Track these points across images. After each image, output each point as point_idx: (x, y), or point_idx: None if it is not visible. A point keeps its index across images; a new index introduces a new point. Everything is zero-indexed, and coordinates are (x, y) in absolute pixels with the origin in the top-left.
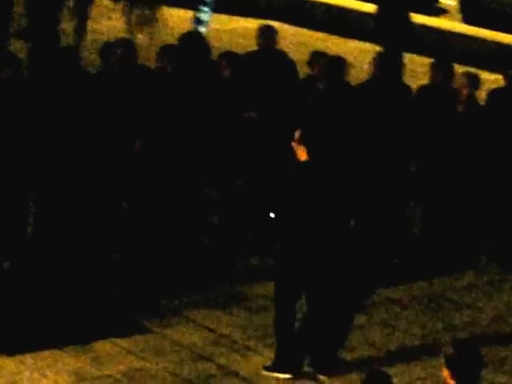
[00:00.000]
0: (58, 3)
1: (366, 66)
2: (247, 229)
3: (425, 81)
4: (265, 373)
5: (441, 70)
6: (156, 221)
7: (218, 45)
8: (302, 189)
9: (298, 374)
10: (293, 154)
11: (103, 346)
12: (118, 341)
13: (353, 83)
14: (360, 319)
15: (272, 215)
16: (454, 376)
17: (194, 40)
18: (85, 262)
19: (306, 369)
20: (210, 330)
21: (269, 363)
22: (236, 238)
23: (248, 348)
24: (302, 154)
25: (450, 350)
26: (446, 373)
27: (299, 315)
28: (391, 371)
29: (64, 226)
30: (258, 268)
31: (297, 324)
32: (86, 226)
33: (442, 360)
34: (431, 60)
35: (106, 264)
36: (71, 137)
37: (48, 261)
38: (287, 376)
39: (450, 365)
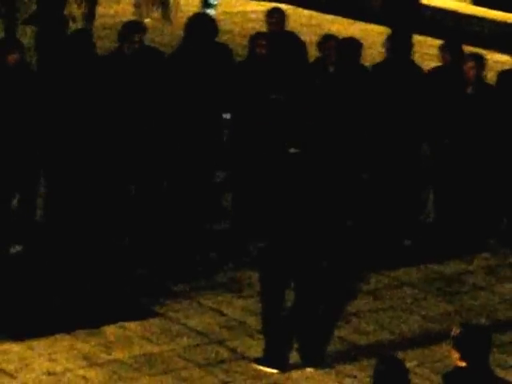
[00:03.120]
0: None
1: (378, 48)
2: (259, 212)
3: (435, 63)
4: (255, 366)
5: (450, 52)
6: (167, 204)
7: (227, 28)
8: (299, 173)
9: (284, 368)
10: (298, 135)
11: (113, 331)
12: (129, 325)
13: (366, 65)
14: (372, 303)
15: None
16: (464, 357)
17: (202, 22)
18: (94, 247)
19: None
20: (222, 314)
21: (259, 356)
22: (247, 222)
23: (260, 332)
24: None
25: (458, 331)
26: (455, 354)
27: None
28: (403, 355)
29: (74, 210)
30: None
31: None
32: (96, 210)
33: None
34: (441, 42)
35: (115, 248)
36: (82, 120)
37: (58, 245)
38: (274, 371)
39: (458, 346)
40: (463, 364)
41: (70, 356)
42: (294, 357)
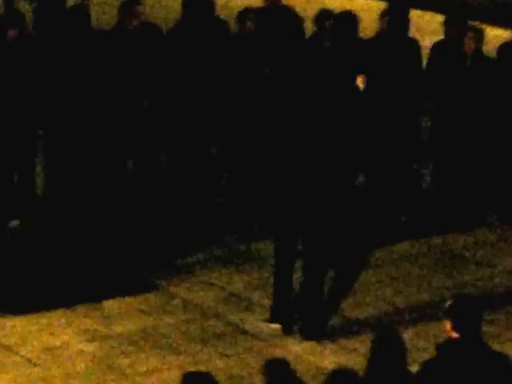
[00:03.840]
0: None
1: (373, 23)
2: (258, 187)
3: (433, 37)
4: (261, 324)
5: (455, 26)
6: (166, 180)
7: (224, 3)
8: (302, 144)
9: (287, 326)
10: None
11: (113, 305)
12: (128, 299)
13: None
14: (371, 276)
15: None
16: (455, 327)
17: None
18: (93, 222)
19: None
20: (221, 288)
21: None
22: (247, 196)
23: (257, 305)
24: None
25: (451, 301)
26: (447, 325)
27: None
28: (401, 327)
29: (73, 185)
30: (267, 226)
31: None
32: (95, 185)
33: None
34: (436, 16)
35: (114, 223)
36: (80, 95)
37: (57, 220)
38: (276, 326)
39: (451, 316)
40: (455, 334)
41: (69, 330)
42: (294, 331)
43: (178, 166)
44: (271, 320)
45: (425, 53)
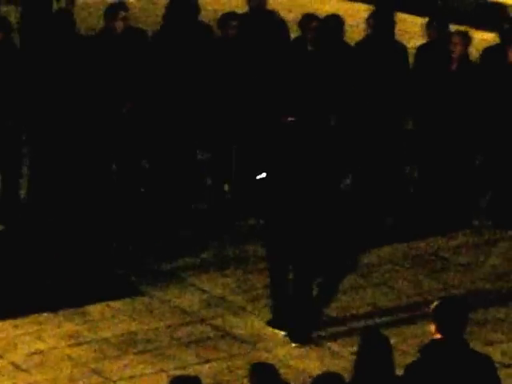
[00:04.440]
0: None
1: (360, 27)
2: (243, 191)
3: (417, 40)
4: (267, 327)
5: (437, 29)
6: (150, 183)
7: (209, 7)
8: (289, 149)
9: (291, 332)
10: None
11: (98, 309)
12: (113, 304)
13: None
14: (356, 279)
15: (262, 175)
16: (439, 329)
17: (183, 2)
18: (78, 226)
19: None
20: (206, 292)
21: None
22: (231, 200)
23: (244, 310)
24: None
25: (436, 304)
26: (432, 327)
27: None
28: (387, 331)
29: (58, 189)
30: (254, 229)
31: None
32: (79, 189)
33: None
34: (421, 19)
35: (100, 227)
36: (65, 98)
37: (42, 224)
38: (282, 333)
39: (435, 318)
40: (439, 336)
41: (55, 335)
42: (279, 334)
43: (162, 170)
44: (274, 325)
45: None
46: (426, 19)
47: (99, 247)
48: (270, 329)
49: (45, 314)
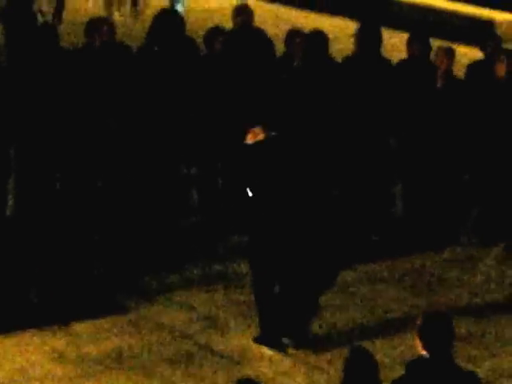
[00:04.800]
0: None
1: (346, 42)
2: (228, 207)
3: (404, 56)
4: (254, 345)
5: (418, 45)
6: (136, 200)
7: (194, 23)
8: (270, 166)
9: (283, 348)
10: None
11: (83, 326)
12: (99, 321)
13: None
14: (341, 297)
15: (249, 192)
16: (424, 346)
17: (168, 17)
18: (63, 242)
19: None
20: (192, 309)
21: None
22: (216, 217)
23: (229, 327)
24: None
25: (421, 320)
26: (417, 343)
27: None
28: (373, 347)
29: (44, 205)
30: (239, 246)
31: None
32: (66, 205)
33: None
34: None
35: (85, 244)
36: (49, 115)
37: (26, 241)
38: (271, 352)
39: (420, 335)
40: (425, 353)
41: (40, 352)
42: (265, 350)
43: (149, 186)
44: (261, 342)
45: None
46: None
47: (84, 264)
48: (256, 346)
49: (29, 331)
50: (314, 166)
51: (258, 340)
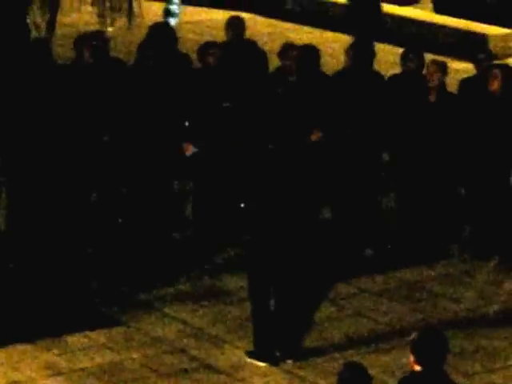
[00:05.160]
0: None
1: (339, 56)
2: (221, 221)
3: (397, 70)
4: (247, 359)
5: (412, 59)
6: (128, 214)
7: (187, 37)
8: (268, 178)
9: (275, 361)
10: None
11: (76, 340)
12: (91, 334)
13: (327, 73)
14: (332, 309)
15: (242, 205)
16: (418, 361)
17: (161, 31)
18: (56, 257)
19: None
20: (184, 322)
21: (251, 349)
22: (210, 231)
23: (223, 340)
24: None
25: (415, 336)
26: (411, 358)
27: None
28: (366, 361)
29: (36, 219)
30: (232, 260)
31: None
32: (58, 219)
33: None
34: (403, 49)
35: (78, 258)
36: (41, 129)
37: (19, 255)
38: (263, 364)
39: (414, 350)
40: (418, 368)
41: (33, 365)
42: (258, 364)
43: (140, 200)
44: (255, 356)
45: None
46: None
47: (77, 277)
48: (249, 359)
49: (23, 345)
50: (307, 180)
51: (252, 354)
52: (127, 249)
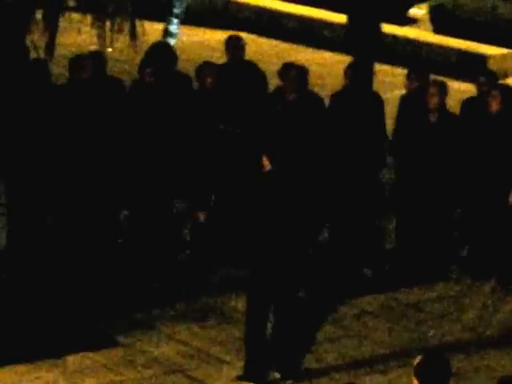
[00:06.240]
0: (26, 16)
1: (334, 77)
2: (220, 241)
3: (395, 91)
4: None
5: (417, 80)
6: (128, 234)
7: (187, 57)
8: (268, 198)
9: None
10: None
11: (76, 360)
12: (91, 354)
13: (326, 93)
14: (332, 330)
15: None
16: None
17: (161, 51)
18: (55, 276)
19: (273, 375)
20: (183, 342)
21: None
22: (209, 251)
23: (221, 361)
24: (266, 164)
25: (419, 360)
26: (415, 382)
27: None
28: (364, 383)
29: (35, 238)
30: (231, 281)
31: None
32: (57, 238)
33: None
34: (401, 70)
35: (77, 277)
36: (38, 148)
37: (20, 274)
38: None
39: (418, 374)
40: None
41: None
42: None
43: (139, 221)
44: (247, 379)
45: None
46: (406, 70)
47: (77, 298)
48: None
49: (22, 365)
50: (306, 201)
51: (244, 377)
52: (127, 269)
